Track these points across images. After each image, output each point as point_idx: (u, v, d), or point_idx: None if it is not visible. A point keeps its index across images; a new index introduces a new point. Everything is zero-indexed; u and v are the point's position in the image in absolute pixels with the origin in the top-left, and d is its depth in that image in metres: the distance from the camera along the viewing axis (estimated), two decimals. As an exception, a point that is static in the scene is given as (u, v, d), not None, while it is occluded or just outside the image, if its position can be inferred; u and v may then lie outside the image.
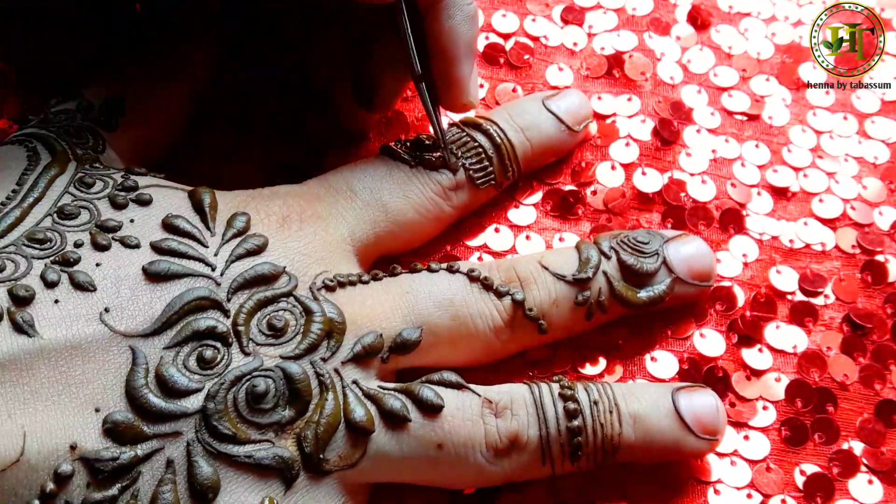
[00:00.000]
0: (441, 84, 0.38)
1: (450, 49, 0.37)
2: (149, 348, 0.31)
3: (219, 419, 0.31)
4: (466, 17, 0.37)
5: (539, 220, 0.42)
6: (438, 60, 0.38)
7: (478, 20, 0.39)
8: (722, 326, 0.39)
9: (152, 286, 0.32)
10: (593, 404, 0.34)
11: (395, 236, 0.38)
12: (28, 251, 0.32)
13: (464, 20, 0.37)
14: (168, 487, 0.30)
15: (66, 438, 0.29)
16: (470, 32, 0.38)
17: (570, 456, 0.34)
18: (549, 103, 0.42)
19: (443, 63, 0.38)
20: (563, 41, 0.46)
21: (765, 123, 0.45)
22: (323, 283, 0.35)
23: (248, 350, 0.32)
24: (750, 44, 0.47)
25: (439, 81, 0.38)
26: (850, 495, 0.36)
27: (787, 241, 0.42)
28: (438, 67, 0.38)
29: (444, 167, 0.39)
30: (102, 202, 0.34)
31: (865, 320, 0.40)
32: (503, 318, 0.36)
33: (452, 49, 0.37)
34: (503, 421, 0.33)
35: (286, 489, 0.31)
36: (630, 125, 0.44)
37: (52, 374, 0.30)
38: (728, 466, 0.36)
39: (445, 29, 0.37)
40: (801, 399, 0.38)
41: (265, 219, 0.36)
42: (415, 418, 0.33)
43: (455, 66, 0.38)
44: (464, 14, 0.37)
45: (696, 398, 0.35)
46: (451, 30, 0.37)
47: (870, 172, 0.44)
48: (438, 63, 0.38)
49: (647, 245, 0.38)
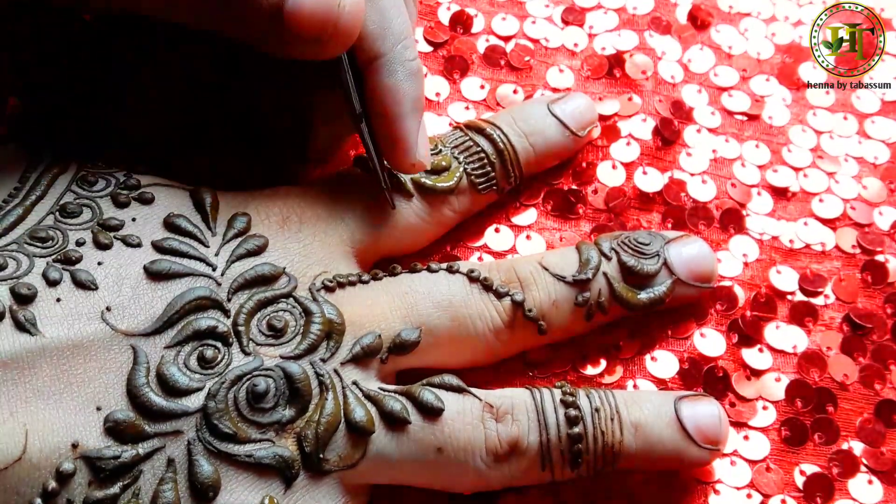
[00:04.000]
0: (384, 143, 0.36)
1: (391, 108, 0.35)
2: (150, 347, 0.31)
3: (219, 418, 0.31)
4: (409, 74, 0.35)
5: (539, 220, 0.42)
6: (379, 119, 0.36)
7: (422, 75, 0.36)
8: (722, 326, 0.39)
9: (153, 285, 0.32)
10: (595, 411, 0.34)
11: (395, 239, 0.38)
12: (30, 249, 0.32)
13: (406, 77, 0.35)
14: (169, 486, 0.30)
15: (67, 437, 0.29)
16: (413, 89, 0.35)
17: (570, 462, 0.34)
18: (553, 108, 0.42)
19: (384, 122, 0.36)
20: (564, 42, 0.46)
21: (765, 123, 0.45)
22: (322, 283, 0.35)
23: (249, 350, 0.32)
24: (750, 44, 0.47)
25: (383, 141, 0.36)
26: (849, 495, 0.36)
27: (787, 241, 0.42)
28: (379, 126, 0.36)
29: (445, 171, 0.39)
30: (104, 200, 0.35)
31: (865, 320, 0.40)
32: (503, 319, 0.36)
33: (394, 107, 0.35)
34: (504, 426, 0.33)
35: (286, 488, 0.31)
36: (631, 125, 0.44)
37: (54, 372, 0.30)
38: (728, 466, 0.37)
39: (386, 86, 0.35)
40: (801, 399, 0.38)
41: (266, 219, 0.36)
42: (415, 421, 0.33)
43: (397, 124, 0.35)
44: (406, 70, 0.35)
45: (699, 407, 0.35)
46: (391, 87, 0.35)
47: (870, 172, 0.44)
48: (380, 122, 0.36)
49: (647, 246, 0.38)
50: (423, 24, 0.46)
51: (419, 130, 0.36)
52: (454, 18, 0.47)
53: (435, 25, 0.46)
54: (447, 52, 0.46)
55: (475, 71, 0.45)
